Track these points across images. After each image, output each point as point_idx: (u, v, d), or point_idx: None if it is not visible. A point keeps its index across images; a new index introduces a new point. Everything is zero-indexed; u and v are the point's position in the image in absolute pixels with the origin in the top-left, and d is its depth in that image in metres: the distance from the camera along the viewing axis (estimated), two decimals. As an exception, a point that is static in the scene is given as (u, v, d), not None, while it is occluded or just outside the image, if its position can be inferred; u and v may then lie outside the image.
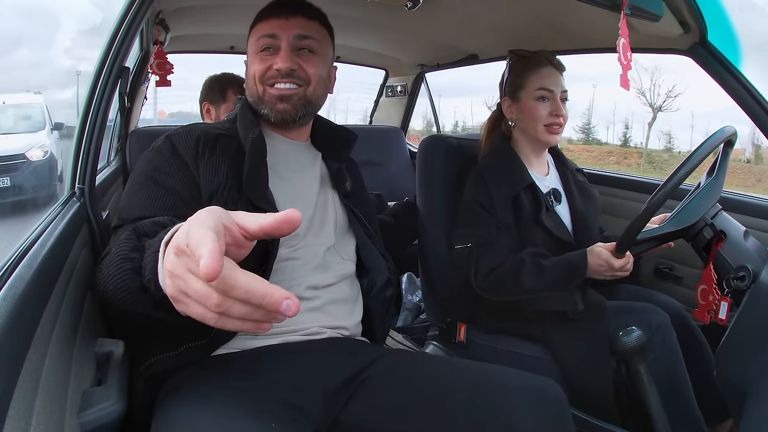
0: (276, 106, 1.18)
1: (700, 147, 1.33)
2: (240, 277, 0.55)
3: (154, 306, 0.73)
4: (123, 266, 0.77)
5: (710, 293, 1.33)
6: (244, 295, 0.55)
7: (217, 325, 0.57)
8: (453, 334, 1.70)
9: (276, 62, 1.16)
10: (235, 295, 0.55)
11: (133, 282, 0.75)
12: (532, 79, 1.62)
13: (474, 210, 1.59)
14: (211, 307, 0.56)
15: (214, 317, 0.57)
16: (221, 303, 0.55)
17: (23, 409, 0.56)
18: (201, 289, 0.56)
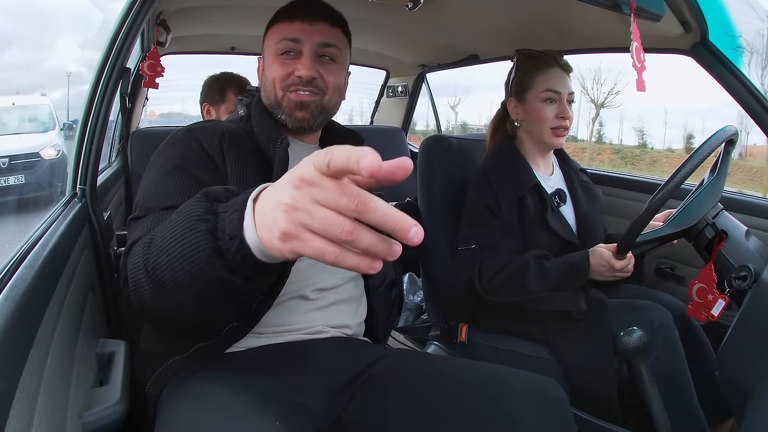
0: (295, 113, 1.16)
1: (701, 147, 1.33)
2: (376, 199, 0.53)
3: (230, 271, 0.69)
4: (197, 227, 0.70)
5: (709, 292, 1.33)
6: (382, 218, 0.52)
7: (335, 261, 0.53)
8: (454, 334, 1.70)
9: (298, 69, 1.14)
10: (373, 217, 0.52)
11: (209, 243, 0.69)
12: (539, 80, 1.61)
13: (479, 211, 1.59)
14: (342, 236, 0.52)
15: (334, 252, 0.53)
16: (353, 230, 0.52)
17: (25, 409, 0.56)
18: (331, 217, 0.53)
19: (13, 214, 5.96)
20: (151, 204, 0.99)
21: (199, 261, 0.69)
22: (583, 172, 1.81)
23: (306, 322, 1.13)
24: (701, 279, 1.35)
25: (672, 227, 1.39)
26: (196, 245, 0.70)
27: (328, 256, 0.53)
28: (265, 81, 1.19)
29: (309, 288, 1.14)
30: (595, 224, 1.66)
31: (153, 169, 1.07)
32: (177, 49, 2.72)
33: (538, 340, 1.54)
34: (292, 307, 1.12)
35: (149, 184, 1.04)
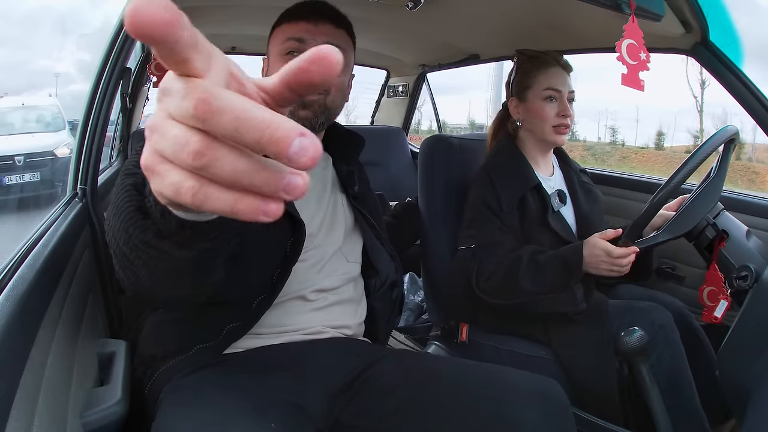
0: (298, 112, 1.15)
1: (702, 146, 1.33)
2: (228, 95, 0.34)
3: (158, 235, 0.59)
4: (125, 181, 0.64)
5: (719, 293, 1.33)
6: (235, 123, 0.33)
7: (193, 202, 0.36)
8: (455, 334, 1.70)
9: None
10: (223, 125, 0.34)
11: (133, 201, 0.62)
12: (539, 79, 1.61)
13: (479, 211, 1.59)
14: (189, 160, 0.35)
15: (191, 187, 0.36)
16: (203, 150, 0.34)
17: (26, 409, 0.56)
18: (179, 134, 0.35)
19: (32, 209, 6.32)
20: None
21: (126, 221, 0.62)
22: (584, 173, 1.81)
23: (305, 322, 1.13)
24: (709, 282, 1.35)
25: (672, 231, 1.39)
26: (122, 204, 0.63)
27: (184, 194, 0.36)
28: None
29: (308, 289, 1.14)
30: (595, 225, 1.65)
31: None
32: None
33: (538, 340, 1.54)
34: (292, 307, 1.12)
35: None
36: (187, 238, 0.57)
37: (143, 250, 0.61)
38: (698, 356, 1.45)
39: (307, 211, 1.15)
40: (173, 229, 0.55)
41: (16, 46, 19.63)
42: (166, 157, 0.36)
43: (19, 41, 19.64)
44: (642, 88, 1.30)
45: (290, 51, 1.15)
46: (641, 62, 1.29)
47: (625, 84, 1.30)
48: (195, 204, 0.36)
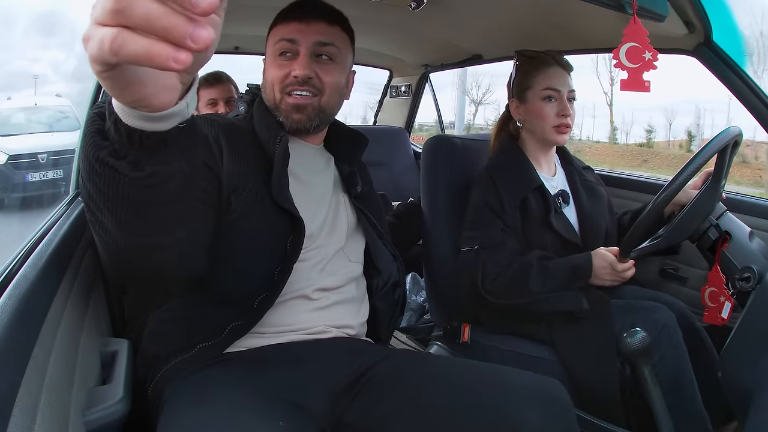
0: (292, 115, 1.16)
1: (705, 148, 1.33)
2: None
3: (113, 153, 0.63)
4: (90, 113, 0.67)
5: (721, 294, 1.33)
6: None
7: (112, 48, 0.42)
8: (457, 334, 1.69)
9: (294, 68, 1.13)
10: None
11: (95, 125, 0.65)
12: (539, 79, 1.61)
13: (482, 211, 1.59)
14: (109, 5, 0.41)
15: (111, 33, 0.42)
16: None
17: (28, 407, 0.57)
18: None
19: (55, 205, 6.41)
20: None
21: (86, 147, 0.65)
22: (589, 170, 1.81)
23: (308, 322, 1.13)
24: (711, 282, 1.35)
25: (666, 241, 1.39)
26: (85, 132, 0.66)
27: (105, 42, 0.42)
28: (265, 83, 1.20)
29: (310, 288, 1.14)
30: (597, 225, 1.65)
31: None
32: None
33: (541, 341, 1.54)
34: (294, 307, 1.12)
35: None
36: (138, 155, 0.62)
37: (99, 172, 0.64)
38: (701, 357, 1.44)
39: (308, 210, 1.15)
40: (125, 141, 0.60)
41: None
42: (97, 21, 0.42)
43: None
44: (647, 89, 1.30)
45: (282, 52, 1.16)
46: (646, 63, 1.29)
47: (625, 89, 1.30)
48: (113, 49, 0.41)
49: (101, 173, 0.64)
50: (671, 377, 1.36)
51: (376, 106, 3.69)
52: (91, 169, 0.65)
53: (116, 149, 0.62)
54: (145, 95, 0.52)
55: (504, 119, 1.77)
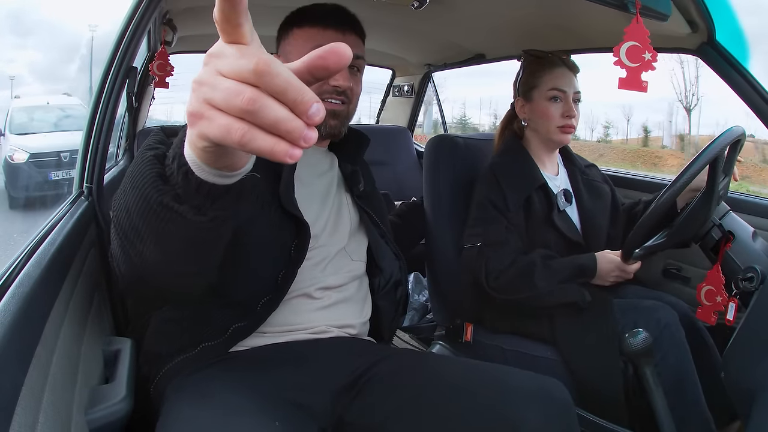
0: (328, 122, 1.19)
1: (708, 147, 1.32)
2: (280, 64, 0.46)
3: (176, 198, 0.65)
4: (145, 155, 0.71)
5: (717, 294, 1.33)
6: (284, 84, 0.45)
7: (241, 141, 0.46)
8: (459, 334, 1.70)
9: (336, 79, 1.15)
10: (275, 83, 0.45)
11: (154, 168, 0.68)
12: (545, 79, 1.62)
13: (486, 209, 1.59)
14: (243, 104, 0.45)
15: (241, 129, 0.46)
16: (256, 98, 0.45)
17: (31, 406, 0.57)
18: (231, 86, 0.46)
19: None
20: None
21: (144, 188, 0.67)
22: (592, 168, 1.81)
23: (310, 321, 1.13)
24: (709, 281, 1.35)
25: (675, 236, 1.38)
26: (142, 173, 0.69)
27: (234, 133, 0.46)
28: None
29: (313, 287, 1.15)
30: (599, 223, 1.66)
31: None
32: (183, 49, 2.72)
33: (543, 340, 1.54)
34: (297, 306, 1.13)
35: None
36: (203, 202, 0.64)
37: (159, 213, 0.66)
38: (703, 357, 1.44)
39: (311, 211, 1.16)
40: (191, 191, 0.62)
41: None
42: (215, 106, 0.47)
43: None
44: (645, 89, 1.30)
45: None
46: (645, 63, 1.29)
47: (622, 87, 1.30)
48: (243, 142, 0.46)
49: (160, 214, 0.66)
50: (673, 377, 1.35)
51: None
52: (148, 208, 0.67)
53: (179, 194, 0.64)
54: (233, 162, 0.58)
55: (509, 117, 1.77)
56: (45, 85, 12.73)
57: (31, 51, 10.94)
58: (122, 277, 0.82)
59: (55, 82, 27.61)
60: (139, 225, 0.70)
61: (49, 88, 11.52)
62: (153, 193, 0.66)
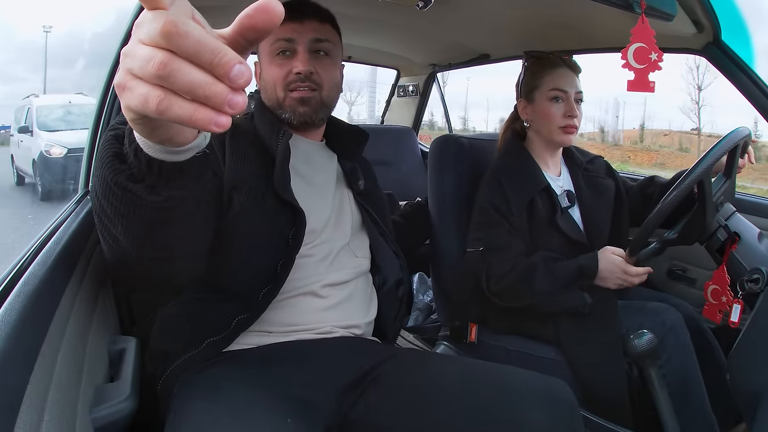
0: (297, 109, 1.19)
1: (714, 147, 1.32)
2: (192, 24, 0.44)
3: (130, 177, 0.65)
4: (107, 135, 0.70)
5: (723, 294, 1.32)
6: (195, 46, 0.43)
7: (158, 109, 0.44)
8: (464, 334, 1.70)
9: (295, 65, 1.17)
10: (185, 44, 0.43)
11: (112, 148, 0.67)
12: (546, 80, 1.61)
13: (488, 213, 1.59)
14: (154, 70, 0.43)
15: (157, 96, 0.44)
16: (167, 61, 0.43)
17: (36, 404, 0.57)
18: (145, 53, 0.44)
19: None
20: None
21: (103, 168, 0.68)
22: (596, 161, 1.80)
23: (316, 322, 1.14)
24: (715, 280, 1.35)
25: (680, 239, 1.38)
26: (102, 153, 0.69)
27: (151, 102, 0.44)
28: (265, 84, 1.22)
29: (318, 284, 1.15)
30: (601, 222, 1.65)
31: None
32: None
33: (547, 341, 1.54)
34: (302, 305, 1.13)
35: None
36: (156, 180, 0.64)
37: (117, 194, 0.67)
38: (708, 359, 1.44)
39: (313, 205, 1.17)
40: (144, 168, 0.63)
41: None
42: (135, 74, 0.45)
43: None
44: (652, 90, 1.30)
45: (281, 51, 1.19)
46: (652, 63, 1.29)
47: (632, 89, 1.30)
48: (160, 110, 0.44)
49: (118, 194, 0.67)
50: (678, 379, 1.35)
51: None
52: (108, 189, 0.67)
53: (134, 173, 0.64)
54: (170, 136, 0.56)
55: (512, 119, 1.77)
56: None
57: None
58: (109, 265, 0.83)
59: (8, 83, 27.94)
60: (106, 207, 0.70)
61: (2, 89, 11.77)
62: (109, 174, 0.66)
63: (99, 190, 0.70)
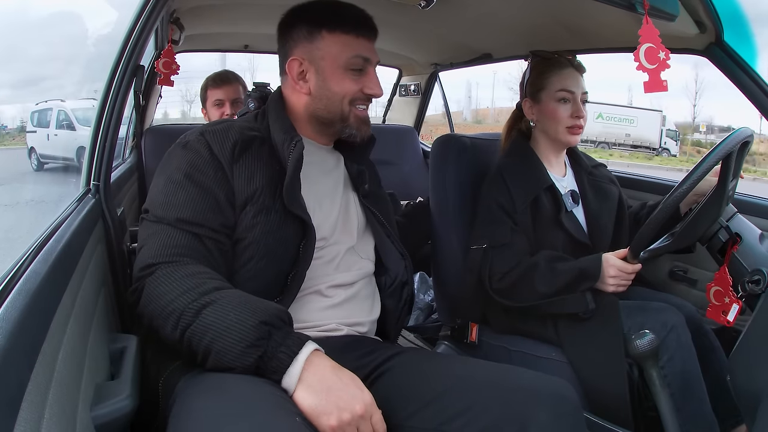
0: (362, 128, 1.23)
1: (715, 148, 1.32)
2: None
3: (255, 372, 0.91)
4: (249, 351, 0.90)
5: (725, 295, 1.32)
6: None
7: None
8: (465, 334, 1.70)
9: (370, 87, 1.20)
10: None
11: (252, 363, 0.90)
12: (553, 80, 1.62)
13: (492, 210, 1.59)
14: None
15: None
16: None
17: (37, 402, 0.57)
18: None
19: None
20: (161, 213, 1.06)
21: (234, 364, 0.91)
22: (600, 168, 1.80)
23: (321, 319, 1.15)
24: (717, 282, 1.35)
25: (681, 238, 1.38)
26: (240, 358, 0.90)
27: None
28: (330, 95, 1.20)
29: (324, 284, 1.17)
30: (605, 224, 1.65)
31: (164, 173, 1.12)
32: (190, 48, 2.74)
33: (549, 342, 1.54)
34: (308, 303, 1.14)
35: (160, 190, 1.09)
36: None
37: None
38: (709, 360, 1.44)
39: (321, 208, 1.19)
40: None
41: None
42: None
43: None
44: (666, 89, 1.30)
45: (357, 68, 1.19)
46: (661, 63, 1.29)
47: (648, 91, 1.31)
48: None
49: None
50: (680, 379, 1.35)
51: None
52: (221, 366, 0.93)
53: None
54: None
55: (515, 118, 1.77)
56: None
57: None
58: (139, 318, 1.02)
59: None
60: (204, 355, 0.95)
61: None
62: (241, 371, 0.92)
63: (212, 358, 0.93)
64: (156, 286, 0.97)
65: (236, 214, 1.10)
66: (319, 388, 0.88)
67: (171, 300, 0.94)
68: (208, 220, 1.06)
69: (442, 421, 0.98)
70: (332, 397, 0.87)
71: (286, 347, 0.90)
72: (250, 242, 1.09)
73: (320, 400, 0.87)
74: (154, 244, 1.03)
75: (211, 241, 1.06)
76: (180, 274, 0.97)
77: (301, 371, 0.89)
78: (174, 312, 0.93)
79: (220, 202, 1.08)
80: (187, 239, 1.03)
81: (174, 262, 1.00)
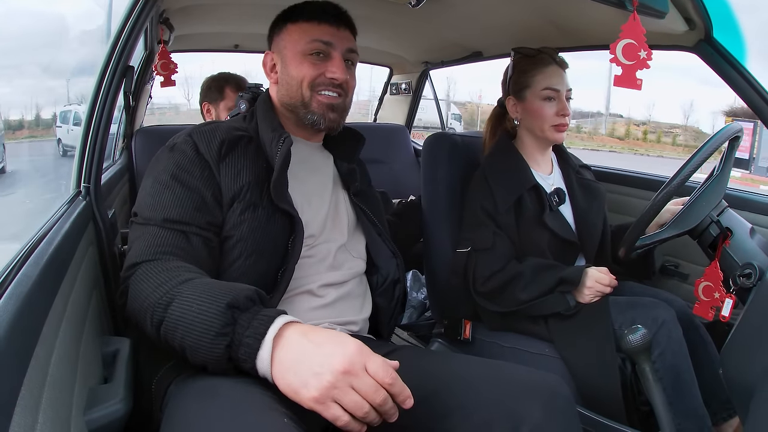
0: (327, 115, 1.21)
1: (705, 144, 1.33)
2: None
3: (234, 368, 0.88)
4: (217, 342, 0.85)
5: (715, 290, 1.33)
6: (400, 389, 0.83)
7: (342, 424, 0.79)
8: (458, 331, 1.70)
9: (332, 71, 1.19)
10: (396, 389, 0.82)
11: (223, 354, 0.85)
12: (538, 78, 1.61)
13: (476, 214, 1.60)
14: (360, 414, 0.78)
15: (346, 420, 0.78)
16: (369, 412, 0.78)
17: (30, 406, 0.57)
18: (359, 401, 0.78)
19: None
20: (149, 214, 1.06)
21: (208, 358, 0.87)
22: (586, 168, 1.81)
23: (313, 319, 1.14)
24: (707, 277, 1.35)
25: (675, 228, 1.38)
26: (210, 350, 0.86)
27: (340, 420, 0.78)
28: (289, 80, 1.22)
29: (316, 284, 1.16)
30: (594, 222, 1.65)
31: (151, 176, 1.12)
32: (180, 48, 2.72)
33: (541, 338, 1.54)
34: (299, 303, 1.14)
35: (147, 192, 1.10)
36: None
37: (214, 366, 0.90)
38: (701, 354, 1.44)
39: (310, 207, 1.18)
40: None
41: None
42: (339, 402, 0.79)
43: None
44: (639, 87, 1.31)
45: (316, 52, 1.19)
46: (640, 61, 1.29)
47: (618, 85, 1.31)
48: (343, 424, 0.79)
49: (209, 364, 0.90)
50: (671, 374, 1.36)
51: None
52: (202, 362, 0.90)
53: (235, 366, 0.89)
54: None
55: (497, 116, 1.77)
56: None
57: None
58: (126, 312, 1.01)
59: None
60: (185, 354, 0.91)
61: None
62: (216, 366, 0.89)
63: (190, 354, 0.89)
64: (136, 283, 0.96)
65: (224, 212, 1.11)
66: (290, 361, 0.81)
67: (146, 296, 0.93)
68: (195, 218, 1.06)
69: (436, 418, 0.98)
70: (304, 366, 0.79)
71: (252, 329, 0.83)
72: (238, 239, 1.09)
73: (293, 375, 0.80)
74: (140, 244, 1.03)
75: (198, 238, 1.06)
76: (158, 269, 0.96)
77: (272, 352, 0.82)
78: (148, 309, 0.92)
79: (207, 201, 1.09)
80: (173, 237, 1.03)
81: (157, 259, 1.00)
